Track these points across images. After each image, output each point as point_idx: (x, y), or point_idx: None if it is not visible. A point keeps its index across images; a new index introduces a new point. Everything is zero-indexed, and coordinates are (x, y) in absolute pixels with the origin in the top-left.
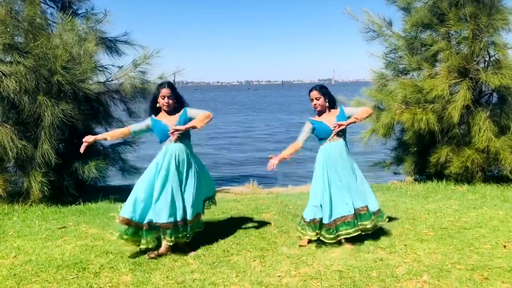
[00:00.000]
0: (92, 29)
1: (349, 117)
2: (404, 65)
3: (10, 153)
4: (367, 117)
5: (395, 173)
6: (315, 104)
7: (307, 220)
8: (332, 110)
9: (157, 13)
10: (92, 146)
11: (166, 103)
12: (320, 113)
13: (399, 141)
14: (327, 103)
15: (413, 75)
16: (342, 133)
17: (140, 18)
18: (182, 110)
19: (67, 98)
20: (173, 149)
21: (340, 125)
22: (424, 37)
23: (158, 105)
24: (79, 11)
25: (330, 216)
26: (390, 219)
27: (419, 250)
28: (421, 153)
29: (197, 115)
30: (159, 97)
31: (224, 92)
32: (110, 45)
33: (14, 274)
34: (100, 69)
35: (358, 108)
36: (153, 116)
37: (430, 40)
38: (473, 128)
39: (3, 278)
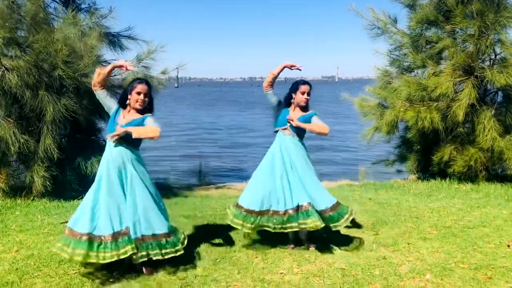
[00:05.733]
0: (96, 24)
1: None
2: (409, 63)
3: (13, 148)
4: (318, 132)
5: (398, 171)
6: (306, 99)
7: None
8: (307, 111)
9: (160, 8)
10: (94, 141)
11: (141, 100)
12: (300, 108)
13: (402, 139)
14: None
15: (417, 73)
16: (297, 132)
17: (142, 13)
18: (144, 115)
19: (69, 92)
20: (110, 151)
21: (291, 120)
22: (429, 34)
23: (128, 101)
24: (82, 6)
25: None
26: (393, 217)
27: (422, 248)
28: (425, 151)
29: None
30: (133, 92)
31: (229, 88)
32: (113, 40)
33: (16, 269)
34: (103, 64)
35: (320, 122)
36: (118, 108)
37: (435, 38)
38: (478, 127)
39: (5, 272)
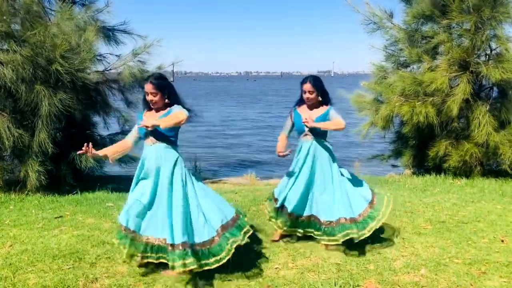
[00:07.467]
0: (92, 18)
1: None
2: (405, 58)
3: (7, 142)
4: (335, 129)
5: (394, 166)
6: (307, 98)
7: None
8: (323, 106)
9: (154, 2)
10: (89, 136)
11: (150, 100)
12: (310, 107)
13: (398, 134)
14: (319, 98)
15: (413, 68)
16: (316, 134)
17: (137, 7)
18: (168, 109)
19: (64, 87)
20: (146, 152)
21: (307, 122)
22: (425, 29)
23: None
24: None
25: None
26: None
27: (417, 243)
28: (420, 146)
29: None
30: (146, 94)
31: (225, 83)
32: (108, 34)
33: (10, 264)
34: (98, 58)
35: (338, 116)
36: (143, 111)
37: (431, 33)
38: (473, 122)
39: None
